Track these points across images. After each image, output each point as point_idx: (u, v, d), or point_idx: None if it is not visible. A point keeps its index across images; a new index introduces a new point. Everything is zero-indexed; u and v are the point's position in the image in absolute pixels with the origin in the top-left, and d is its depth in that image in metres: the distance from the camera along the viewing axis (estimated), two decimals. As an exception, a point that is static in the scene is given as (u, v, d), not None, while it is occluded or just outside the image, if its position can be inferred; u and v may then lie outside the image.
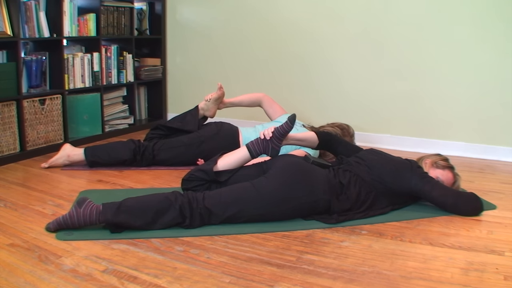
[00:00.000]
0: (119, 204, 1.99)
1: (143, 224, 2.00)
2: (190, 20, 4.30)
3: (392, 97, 3.58)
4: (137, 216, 1.99)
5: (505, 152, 3.29)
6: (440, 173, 2.38)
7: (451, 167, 2.42)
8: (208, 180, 2.27)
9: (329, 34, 3.72)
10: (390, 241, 2.01)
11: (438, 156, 2.49)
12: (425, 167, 2.38)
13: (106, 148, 2.98)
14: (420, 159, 2.48)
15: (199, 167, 2.32)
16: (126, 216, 1.98)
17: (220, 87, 3.13)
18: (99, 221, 1.97)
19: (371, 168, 2.27)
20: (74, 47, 3.70)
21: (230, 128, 3.10)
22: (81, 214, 1.96)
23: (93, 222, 1.97)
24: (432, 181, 2.26)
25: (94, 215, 1.96)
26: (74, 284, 1.61)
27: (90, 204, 1.98)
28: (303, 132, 2.56)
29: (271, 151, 2.30)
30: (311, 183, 2.15)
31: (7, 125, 3.04)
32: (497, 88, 3.24)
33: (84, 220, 1.96)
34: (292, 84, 3.93)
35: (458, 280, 1.68)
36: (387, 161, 2.33)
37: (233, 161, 2.31)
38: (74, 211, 1.97)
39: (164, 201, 2.04)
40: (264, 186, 2.10)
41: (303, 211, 2.17)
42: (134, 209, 2.00)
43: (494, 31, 3.19)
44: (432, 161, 2.44)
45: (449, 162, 2.45)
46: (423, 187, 2.23)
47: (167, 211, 2.02)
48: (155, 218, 2.01)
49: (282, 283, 1.65)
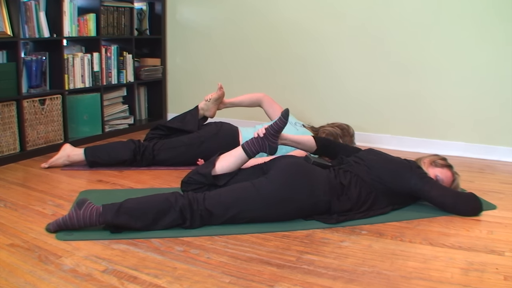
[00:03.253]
0: (119, 206, 1.98)
1: (144, 226, 2.00)
2: (190, 20, 4.30)
3: (392, 97, 3.58)
4: (137, 218, 1.99)
5: (505, 152, 3.29)
6: (439, 171, 2.38)
7: (450, 166, 2.43)
8: (207, 184, 2.27)
9: (329, 34, 3.72)
10: (390, 241, 2.01)
11: (436, 156, 2.50)
12: (423, 166, 2.39)
13: (106, 148, 2.98)
14: (419, 159, 2.48)
15: (198, 170, 2.31)
16: (126, 217, 1.98)
17: (220, 87, 3.13)
18: (99, 223, 1.97)
19: (370, 168, 2.27)
20: (74, 47, 3.70)
21: (230, 128, 3.10)
22: (81, 216, 1.95)
23: (93, 224, 1.97)
24: (431, 181, 2.26)
25: (94, 216, 1.95)
26: (74, 284, 1.61)
27: (90, 205, 1.98)
28: (300, 136, 2.55)
29: (269, 149, 2.29)
30: (311, 184, 2.15)
31: (7, 125, 3.04)
32: (497, 88, 3.24)
33: (84, 222, 1.96)
34: (293, 84, 3.93)
35: (458, 280, 1.68)
36: (386, 161, 2.33)
37: (231, 163, 2.30)
38: (74, 213, 1.97)
39: (165, 203, 2.04)
40: (264, 187, 2.10)
41: (304, 211, 2.17)
42: (134, 210, 2.00)
43: (495, 30, 3.19)
44: (431, 160, 2.44)
45: (447, 162, 2.46)
46: (422, 187, 2.23)
47: (167, 213, 2.02)
48: (155, 219, 2.01)
49: (282, 283, 1.65)
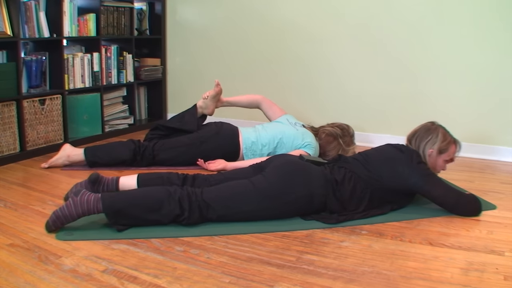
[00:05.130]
0: (117, 192, 2.00)
1: (141, 213, 2.01)
2: (190, 20, 4.30)
3: (393, 97, 3.58)
4: (135, 205, 2.00)
5: (505, 152, 3.29)
6: (447, 155, 2.36)
7: (452, 141, 2.37)
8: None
9: (329, 33, 3.72)
10: (390, 241, 2.01)
11: (434, 137, 2.36)
12: (430, 157, 2.34)
13: (106, 148, 2.98)
14: (421, 147, 2.36)
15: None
16: (125, 203, 1.98)
17: (217, 84, 3.13)
18: (97, 209, 1.95)
19: (368, 164, 2.27)
20: (74, 47, 3.70)
21: (230, 128, 3.10)
22: (78, 202, 1.94)
23: (90, 211, 1.95)
24: (432, 180, 2.24)
25: (91, 202, 1.94)
26: (74, 284, 1.61)
27: (86, 192, 1.98)
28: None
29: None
30: (306, 178, 2.17)
31: (7, 125, 3.04)
32: (497, 88, 3.24)
33: (82, 208, 1.94)
34: (292, 84, 3.93)
35: (458, 280, 1.68)
36: (385, 158, 2.31)
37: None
38: (71, 201, 1.96)
39: (163, 192, 2.05)
40: (261, 182, 2.14)
41: (300, 207, 2.17)
42: (133, 198, 2.02)
43: (496, 30, 3.19)
44: (438, 149, 2.34)
45: (448, 135, 2.38)
46: (422, 187, 2.22)
47: (166, 201, 2.03)
48: (153, 207, 2.02)
49: (282, 283, 1.65)
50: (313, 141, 2.99)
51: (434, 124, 2.44)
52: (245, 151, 3.02)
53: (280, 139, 3.01)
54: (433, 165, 2.37)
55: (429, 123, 2.45)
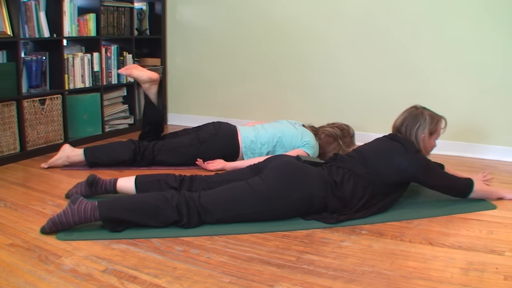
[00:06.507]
0: (114, 200, 2.00)
1: (139, 220, 2.01)
2: (190, 20, 4.30)
3: (392, 97, 3.57)
4: (133, 212, 2.00)
5: (505, 152, 3.29)
6: (437, 134, 2.43)
7: (438, 120, 2.43)
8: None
9: (329, 33, 3.72)
10: (390, 241, 2.01)
11: (422, 121, 2.39)
12: (423, 142, 2.36)
13: (106, 149, 2.98)
14: (412, 134, 2.39)
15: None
16: (122, 211, 1.98)
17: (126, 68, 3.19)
18: (94, 218, 1.95)
19: (365, 160, 2.27)
20: (74, 47, 3.70)
21: (229, 128, 3.09)
22: (76, 210, 1.94)
23: (88, 219, 1.95)
24: (429, 169, 2.28)
25: (89, 211, 1.94)
26: (74, 284, 1.61)
27: (83, 201, 1.98)
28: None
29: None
30: (304, 179, 2.17)
31: (7, 125, 3.04)
32: (497, 88, 3.24)
33: (79, 217, 1.94)
34: (292, 84, 3.93)
35: (458, 280, 1.68)
36: (380, 152, 2.32)
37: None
38: (69, 208, 1.96)
39: (161, 199, 2.05)
40: (258, 184, 2.13)
41: (299, 208, 2.17)
42: (130, 204, 2.02)
43: (495, 30, 3.19)
44: (429, 132, 2.38)
45: (434, 114, 2.42)
46: (420, 176, 2.26)
47: (163, 208, 2.02)
48: (151, 214, 2.01)
49: (282, 283, 1.65)
50: (312, 141, 2.99)
51: (418, 108, 2.46)
52: (244, 150, 3.02)
53: (279, 138, 3.01)
54: (426, 148, 2.40)
55: (413, 108, 2.48)
